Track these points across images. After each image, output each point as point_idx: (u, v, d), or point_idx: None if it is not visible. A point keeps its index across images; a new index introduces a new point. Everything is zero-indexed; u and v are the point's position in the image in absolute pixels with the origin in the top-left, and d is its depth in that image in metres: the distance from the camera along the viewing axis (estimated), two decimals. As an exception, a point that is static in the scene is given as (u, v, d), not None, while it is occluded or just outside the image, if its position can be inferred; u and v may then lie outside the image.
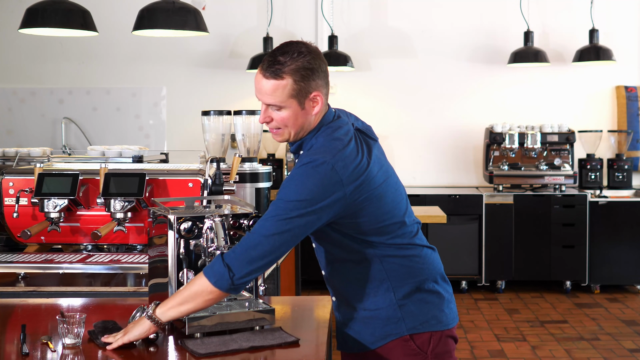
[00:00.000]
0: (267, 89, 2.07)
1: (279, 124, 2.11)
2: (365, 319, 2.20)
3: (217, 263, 2.02)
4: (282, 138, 2.15)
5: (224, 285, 1.99)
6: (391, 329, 2.18)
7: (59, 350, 1.99)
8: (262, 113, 2.13)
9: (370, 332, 2.20)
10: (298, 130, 2.13)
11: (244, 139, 3.51)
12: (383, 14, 7.22)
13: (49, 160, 3.48)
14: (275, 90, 2.06)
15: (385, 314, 2.18)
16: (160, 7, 3.99)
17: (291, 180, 2.03)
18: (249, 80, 7.23)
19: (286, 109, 2.08)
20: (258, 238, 2.00)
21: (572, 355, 4.92)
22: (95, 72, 7.31)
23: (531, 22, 6.99)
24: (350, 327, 2.23)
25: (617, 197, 6.67)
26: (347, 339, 2.25)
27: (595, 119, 7.13)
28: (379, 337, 2.19)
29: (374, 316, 2.19)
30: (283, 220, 2.00)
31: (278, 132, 2.14)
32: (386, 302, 2.18)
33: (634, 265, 6.55)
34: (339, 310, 2.27)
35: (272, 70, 2.06)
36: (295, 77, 2.05)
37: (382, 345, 2.19)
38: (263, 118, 2.13)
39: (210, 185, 2.81)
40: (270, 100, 2.08)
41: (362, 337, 2.21)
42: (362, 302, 2.20)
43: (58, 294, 2.68)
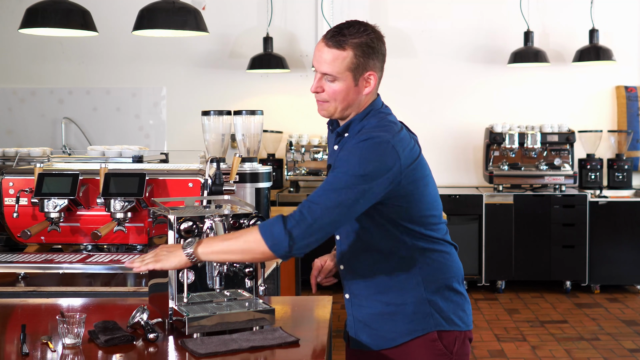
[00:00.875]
0: (327, 58, 2.09)
1: (329, 96, 2.12)
2: (387, 315, 2.17)
3: (277, 226, 1.99)
4: (327, 112, 2.15)
5: (280, 251, 2.00)
6: (417, 325, 2.16)
7: (59, 350, 1.99)
8: (315, 82, 2.13)
9: (391, 328, 2.17)
10: (345, 107, 2.14)
11: (244, 139, 3.51)
12: (383, 14, 7.22)
13: (49, 160, 3.48)
14: (335, 60, 2.09)
15: (412, 309, 2.16)
16: (160, 7, 3.99)
17: (352, 154, 2.04)
18: (249, 80, 7.28)
19: (340, 81, 2.10)
20: (321, 210, 1.99)
21: (572, 355, 4.92)
22: (95, 72, 7.31)
23: (531, 22, 6.99)
24: (368, 323, 2.20)
25: (617, 197, 6.67)
26: (363, 336, 2.21)
27: (595, 119, 7.13)
28: (402, 333, 2.17)
29: (398, 311, 2.17)
30: (345, 192, 2.00)
31: (324, 106, 2.14)
32: (415, 296, 2.17)
33: (634, 265, 6.55)
34: (355, 306, 2.23)
35: (335, 40, 2.08)
36: (357, 51, 2.09)
37: (405, 342, 2.17)
38: (315, 87, 2.13)
39: (210, 185, 2.81)
40: (327, 70, 2.10)
41: (381, 334, 2.18)
42: (387, 295, 2.17)
43: (58, 294, 2.68)
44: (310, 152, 6.94)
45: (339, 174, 2.03)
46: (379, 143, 2.04)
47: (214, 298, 2.21)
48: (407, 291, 2.17)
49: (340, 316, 5.86)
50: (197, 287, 2.19)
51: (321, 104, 2.15)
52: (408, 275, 2.17)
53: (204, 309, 2.14)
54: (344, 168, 2.03)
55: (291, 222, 1.99)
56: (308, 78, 7.28)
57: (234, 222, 2.22)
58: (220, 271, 2.16)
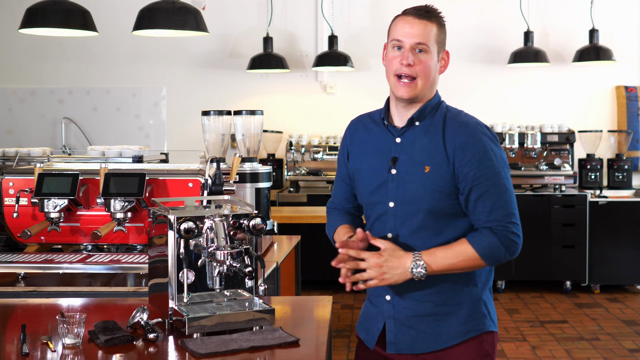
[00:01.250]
0: (418, 28, 2.10)
1: (418, 70, 2.10)
2: (439, 316, 2.14)
3: (514, 238, 2.09)
4: (413, 93, 2.12)
5: (516, 252, 2.12)
6: (472, 326, 2.14)
7: (59, 350, 1.99)
8: (406, 56, 2.10)
9: (442, 329, 2.13)
10: (426, 86, 2.13)
11: (244, 139, 3.51)
12: (383, 14, 7.22)
13: (49, 160, 3.48)
14: (425, 29, 2.10)
15: (468, 309, 2.14)
16: (160, 7, 3.99)
17: (488, 144, 2.09)
18: (249, 80, 7.28)
19: (429, 53, 2.11)
20: (509, 200, 2.10)
21: (572, 355, 4.92)
22: (95, 72, 7.31)
23: (531, 22, 6.99)
24: (413, 325, 2.14)
25: (617, 197, 6.67)
26: (406, 339, 2.15)
27: (595, 119, 7.14)
28: (454, 334, 2.13)
29: (452, 312, 2.14)
30: (510, 185, 2.13)
31: (411, 84, 2.11)
32: (471, 297, 2.15)
33: (634, 265, 6.55)
34: (398, 307, 2.16)
35: (422, 13, 2.11)
36: (440, 26, 2.14)
37: (456, 344, 2.14)
38: (408, 59, 2.09)
39: (210, 185, 2.81)
40: (421, 39, 2.10)
41: (429, 336, 2.14)
42: (442, 295, 2.13)
43: (58, 294, 2.68)
44: (310, 152, 6.94)
45: (498, 168, 2.08)
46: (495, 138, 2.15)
47: (214, 298, 2.21)
48: (463, 291, 2.15)
49: (341, 316, 5.86)
50: (197, 287, 2.19)
51: (408, 83, 2.11)
52: (470, 275, 2.15)
53: (204, 309, 2.13)
54: (499, 162, 2.09)
55: (514, 227, 2.11)
56: (308, 78, 7.28)
57: (234, 222, 2.22)
58: (220, 271, 2.16)
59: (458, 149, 2.07)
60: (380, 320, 2.19)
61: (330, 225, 2.34)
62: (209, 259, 2.16)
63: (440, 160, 2.09)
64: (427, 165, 2.09)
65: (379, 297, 2.20)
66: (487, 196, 2.07)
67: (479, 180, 2.06)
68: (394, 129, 2.18)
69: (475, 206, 2.08)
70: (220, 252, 2.11)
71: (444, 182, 2.08)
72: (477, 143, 2.08)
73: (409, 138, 2.15)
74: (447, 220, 2.11)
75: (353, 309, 6.12)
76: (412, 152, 2.12)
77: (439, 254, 2.06)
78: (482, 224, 2.09)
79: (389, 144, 2.17)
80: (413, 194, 2.10)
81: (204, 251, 2.16)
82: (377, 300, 2.21)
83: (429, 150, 2.11)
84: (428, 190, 2.08)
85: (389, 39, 2.16)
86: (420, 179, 2.09)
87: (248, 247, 2.19)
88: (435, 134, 2.12)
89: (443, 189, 2.08)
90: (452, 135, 2.09)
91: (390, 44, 2.15)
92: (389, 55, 2.15)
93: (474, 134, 2.09)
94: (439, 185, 2.08)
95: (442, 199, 2.09)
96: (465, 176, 2.07)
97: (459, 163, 2.07)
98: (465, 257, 2.07)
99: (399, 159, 2.13)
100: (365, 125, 2.26)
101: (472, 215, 2.10)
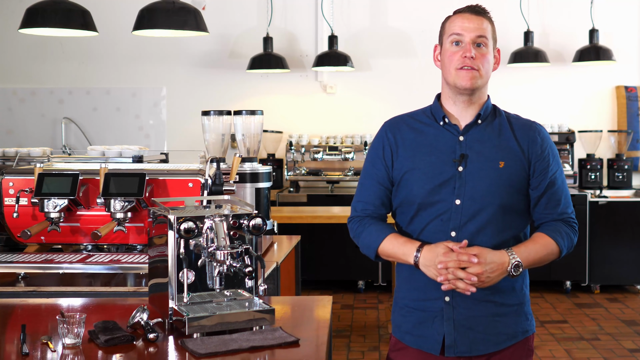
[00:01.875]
0: (477, 23, 2.15)
1: (479, 62, 2.14)
2: (498, 317, 2.15)
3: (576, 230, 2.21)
4: (476, 82, 2.15)
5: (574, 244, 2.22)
6: (525, 326, 2.21)
7: (59, 350, 1.99)
8: (469, 49, 2.13)
9: (501, 330, 2.15)
10: (486, 80, 2.18)
11: (244, 139, 3.51)
12: (383, 14, 7.22)
13: (49, 160, 3.48)
14: (482, 24, 2.16)
15: (523, 309, 2.20)
16: (160, 7, 3.99)
17: (553, 147, 2.21)
18: (249, 80, 7.28)
19: (488, 47, 2.16)
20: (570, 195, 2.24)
21: (572, 355, 4.92)
22: (95, 72, 7.31)
23: (531, 22, 6.99)
24: (473, 326, 2.14)
25: (617, 197, 6.67)
26: (465, 341, 2.14)
27: (595, 119, 7.14)
28: (510, 335, 2.17)
29: (510, 312, 2.17)
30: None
31: (471, 72, 2.14)
32: (523, 296, 2.22)
33: (634, 265, 6.55)
34: (459, 309, 2.14)
35: (478, 10, 2.18)
36: (492, 23, 2.20)
37: (511, 344, 2.17)
38: (471, 51, 2.13)
39: (210, 185, 2.81)
40: (480, 32, 2.15)
41: (489, 337, 2.14)
42: (502, 296, 2.16)
43: (58, 294, 2.68)
44: (310, 152, 6.94)
45: (561, 170, 2.22)
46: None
47: (214, 298, 2.21)
48: (517, 291, 2.20)
49: (341, 316, 5.86)
50: (197, 287, 2.19)
51: (471, 71, 2.14)
52: (523, 273, 2.20)
53: (204, 309, 2.13)
54: (559, 163, 2.22)
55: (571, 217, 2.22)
56: (308, 78, 7.28)
57: (234, 222, 2.22)
58: (220, 271, 2.16)
59: (532, 145, 2.16)
60: (440, 324, 2.16)
61: (371, 235, 2.22)
62: (209, 259, 2.16)
63: (514, 156, 2.15)
64: (500, 160, 2.14)
65: (432, 300, 2.16)
66: (560, 191, 2.19)
67: (554, 175, 2.17)
68: (453, 128, 2.19)
69: (549, 200, 2.17)
70: (220, 252, 2.11)
71: (517, 178, 2.15)
72: (549, 141, 2.20)
73: (474, 136, 2.17)
74: (512, 217, 2.16)
75: (353, 309, 6.12)
76: (482, 149, 2.15)
77: (528, 249, 2.13)
78: (555, 217, 2.19)
79: (450, 142, 2.18)
80: (486, 189, 2.12)
81: (204, 251, 2.16)
82: (428, 303, 2.17)
83: (500, 147, 2.16)
84: (502, 186, 2.13)
85: (445, 36, 2.19)
86: (494, 175, 2.13)
87: (248, 247, 2.19)
88: (503, 131, 2.18)
89: (516, 184, 2.14)
90: (525, 133, 2.18)
91: (448, 41, 2.17)
92: (448, 52, 2.17)
93: (544, 133, 2.21)
94: (512, 180, 2.14)
95: (513, 195, 2.14)
96: (542, 171, 2.16)
97: (536, 159, 2.16)
98: (549, 251, 2.15)
99: (469, 157, 2.14)
100: (410, 125, 2.25)
101: (544, 210, 2.19)
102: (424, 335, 2.18)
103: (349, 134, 7.01)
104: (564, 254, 2.19)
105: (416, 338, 2.20)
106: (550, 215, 2.19)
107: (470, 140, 2.16)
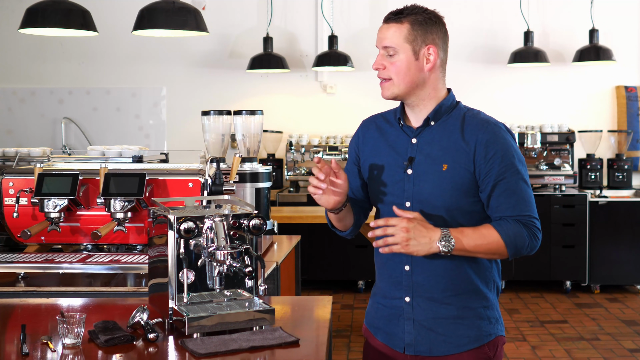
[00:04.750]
0: (386, 33, 2.13)
1: (390, 72, 2.12)
2: (460, 319, 2.13)
3: (537, 233, 2.11)
4: (390, 92, 2.14)
5: (535, 248, 2.15)
6: (490, 329, 2.16)
7: (59, 350, 1.99)
8: (377, 59, 2.15)
9: (463, 332, 2.13)
10: (409, 84, 2.13)
11: (244, 139, 3.51)
12: (383, 14, 7.15)
13: (49, 160, 3.48)
14: (393, 33, 2.12)
15: (487, 312, 2.16)
16: (160, 7, 3.99)
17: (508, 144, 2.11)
18: (249, 80, 7.28)
19: (400, 54, 2.11)
20: (531, 198, 2.13)
21: (572, 355, 4.92)
22: (95, 72, 7.31)
23: (531, 22, 6.99)
24: (433, 328, 2.13)
25: (617, 197, 6.67)
26: (425, 342, 2.14)
27: (595, 119, 7.14)
28: (473, 338, 2.14)
29: (474, 315, 2.14)
30: (528, 182, 2.15)
31: (386, 85, 2.14)
32: (489, 299, 2.18)
33: (634, 265, 6.55)
34: (419, 309, 2.14)
35: (390, 17, 2.15)
36: (414, 24, 2.12)
37: (474, 347, 2.14)
38: (377, 63, 2.14)
39: (210, 185, 2.81)
40: (387, 42, 2.12)
41: (449, 339, 2.13)
42: (465, 298, 2.13)
43: (58, 294, 2.68)
44: (310, 152, 6.94)
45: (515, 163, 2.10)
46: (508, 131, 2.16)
47: (214, 298, 2.21)
48: (484, 293, 2.16)
49: (341, 316, 5.86)
50: (197, 287, 2.19)
51: (384, 84, 2.15)
52: (488, 276, 2.17)
53: (204, 309, 2.13)
54: (514, 156, 2.10)
55: (533, 221, 2.11)
56: (308, 78, 7.28)
57: (234, 222, 2.22)
58: (220, 271, 2.16)
59: (480, 146, 2.08)
60: (401, 322, 2.17)
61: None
62: (209, 259, 2.16)
63: (459, 158, 2.10)
64: (444, 163, 2.10)
65: (395, 299, 2.18)
66: (511, 192, 2.08)
67: (503, 175, 2.08)
68: (409, 129, 2.19)
69: (499, 202, 2.09)
70: (220, 252, 2.11)
71: (462, 180, 2.09)
72: (500, 140, 2.10)
73: (425, 138, 2.15)
74: (463, 219, 2.12)
75: (353, 309, 6.12)
76: (429, 151, 2.13)
77: (467, 233, 2.06)
78: (508, 217, 2.10)
79: (405, 145, 2.18)
80: (430, 192, 2.10)
81: (204, 251, 2.16)
82: (393, 302, 2.19)
83: (446, 149, 2.12)
84: (445, 189, 2.09)
85: None
86: (437, 178, 2.10)
87: (248, 247, 2.19)
88: (453, 132, 2.13)
89: (461, 186, 2.09)
90: (473, 133, 2.11)
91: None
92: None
93: (495, 132, 2.10)
94: (456, 183, 2.09)
95: (459, 197, 2.10)
96: (488, 172, 2.08)
97: (482, 160, 2.08)
98: (490, 241, 2.07)
99: (416, 159, 2.13)
100: (378, 125, 2.26)
101: (496, 212, 2.10)
102: (391, 332, 2.20)
103: (349, 134, 7.01)
104: (513, 252, 2.09)
105: (385, 335, 2.22)
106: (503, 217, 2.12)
107: (422, 142, 2.15)
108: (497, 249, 2.08)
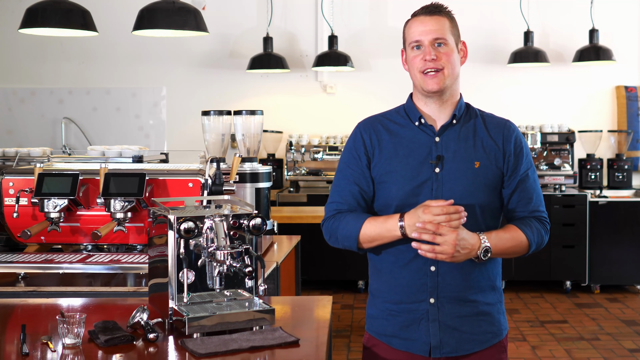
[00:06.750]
0: (432, 24, 2.15)
1: (442, 61, 2.13)
2: (482, 316, 2.17)
3: (549, 229, 2.23)
4: (441, 82, 2.14)
5: (544, 244, 2.24)
6: (504, 325, 2.24)
7: (59, 350, 1.99)
8: (428, 52, 2.14)
9: (485, 329, 2.18)
10: (454, 78, 2.17)
11: (244, 139, 3.51)
12: (383, 14, 7.22)
13: (49, 160, 3.48)
14: (439, 23, 2.15)
15: (500, 309, 2.23)
16: (160, 7, 3.99)
17: (526, 144, 2.24)
18: (249, 80, 7.28)
19: (448, 45, 2.15)
20: (542, 194, 2.26)
21: (572, 355, 4.92)
22: (95, 72, 7.31)
23: (531, 22, 6.99)
24: (458, 327, 2.14)
25: (617, 197, 6.67)
26: (451, 342, 2.14)
27: (595, 119, 7.14)
28: (494, 334, 2.19)
29: (492, 311, 2.19)
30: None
31: (437, 75, 2.14)
32: (500, 295, 2.25)
33: (634, 265, 6.55)
34: (444, 309, 2.14)
35: (432, 10, 2.18)
36: (451, 19, 2.20)
37: (494, 344, 2.19)
38: (430, 54, 2.13)
39: (210, 185, 2.81)
40: (436, 34, 2.15)
41: (474, 337, 2.15)
42: (484, 295, 2.19)
43: (58, 294, 2.68)
44: (310, 152, 6.94)
45: (533, 169, 2.23)
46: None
47: (214, 298, 2.21)
48: (498, 288, 2.25)
49: (341, 316, 5.86)
50: (197, 287, 2.19)
51: (436, 75, 2.14)
52: (499, 272, 2.24)
53: (204, 309, 2.13)
54: (531, 162, 2.24)
55: (543, 216, 2.23)
56: (308, 78, 7.28)
57: (234, 222, 2.22)
58: (220, 271, 2.16)
59: (507, 144, 2.17)
60: (423, 325, 2.15)
61: (349, 224, 2.19)
62: (209, 259, 2.16)
63: (490, 155, 2.16)
64: (476, 161, 2.14)
65: (416, 302, 2.15)
66: (532, 189, 2.20)
67: (527, 173, 2.18)
68: (428, 128, 2.19)
69: (520, 197, 2.18)
70: (220, 252, 2.11)
71: (493, 177, 2.15)
72: (521, 140, 2.21)
73: (449, 136, 2.17)
74: (488, 216, 2.17)
75: (353, 309, 6.12)
76: (458, 149, 2.15)
77: (499, 236, 2.13)
78: (526, 214, 2.20)
79: (425, 143, 2.17)
80: (463, 190, 2.12)
81: (204, 251, 2.16)
82: (413, 306, 2.16)
83: (475, 147, 2.16)
84: (479, 186, 2.13)
85: (406, 42, 2.20)
86: (470, 175, 2.13)
87: (248, 247, 2.19)
88: (478, 131, 2.18)
89: (491, 183, 2.15)
90: (499, 131, 2.19)
91: (409, 47, 2.19)
92: (410, 57, 2.19)
93: (517, 131, 2.22)
94: (488, 179, 2.15)
95: (490, 194, 2.16)
96: (515, 169, 2.17)
97: (511, 157, 2.17)
98: (517, 242, 2.16)
99: (444, 157, 2.14)
100: (385, 126, 2.24)
101: (515, 207, 2.19)
102: (411, 338, 2.17)
103: (349, 134, 7.00)
104: (533, 250, 2.19)
105: (404, 341, 2.18)
106: (521, 213, 2.21)
107: (446, 140, 2.16)
108: (522, 249, 2.18)
